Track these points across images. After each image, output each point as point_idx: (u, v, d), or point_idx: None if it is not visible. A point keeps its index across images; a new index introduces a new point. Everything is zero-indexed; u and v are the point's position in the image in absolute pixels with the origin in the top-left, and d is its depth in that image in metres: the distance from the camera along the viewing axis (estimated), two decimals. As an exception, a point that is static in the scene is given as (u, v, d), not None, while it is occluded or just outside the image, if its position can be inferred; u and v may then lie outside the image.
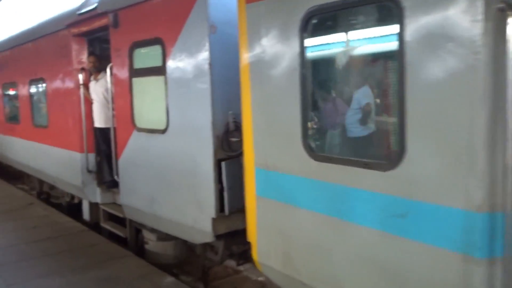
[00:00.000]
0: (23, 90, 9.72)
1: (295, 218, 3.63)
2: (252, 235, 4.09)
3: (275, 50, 3.65)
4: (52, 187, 9.27)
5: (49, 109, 8.38)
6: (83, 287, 5.06)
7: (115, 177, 6.49)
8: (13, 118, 10.75)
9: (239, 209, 4.65)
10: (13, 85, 10.46)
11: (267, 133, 3.82)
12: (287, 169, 3.66)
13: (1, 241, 6.70)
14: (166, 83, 5.14)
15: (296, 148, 3.48)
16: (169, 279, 5.21)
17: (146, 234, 6.22)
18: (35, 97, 9.26)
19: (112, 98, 6.47)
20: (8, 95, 11.10)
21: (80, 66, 7.25)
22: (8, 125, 11.03)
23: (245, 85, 3.99)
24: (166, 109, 5.18)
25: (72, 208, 8.53)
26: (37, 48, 8.71)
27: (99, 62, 6.98)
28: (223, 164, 4.63)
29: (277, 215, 3.79)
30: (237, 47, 4.16)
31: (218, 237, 4.77)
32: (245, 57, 3.94)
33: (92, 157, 7.30)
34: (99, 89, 6.98)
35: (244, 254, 5.15)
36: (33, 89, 9.27)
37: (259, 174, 3.94)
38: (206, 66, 4.58)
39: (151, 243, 6.18)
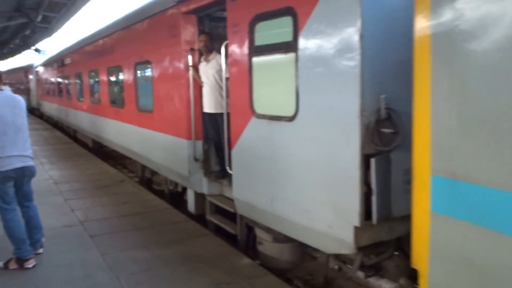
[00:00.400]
0: (128, 74, 8.46)
1: (503, 250, 2.33)
2: (421, 261, 2.82)
3: (485, 12, 2.31)
4: (154, 173, 8.17)
5: (154, 93, 7.15)
6: (166, 261, 4.79)
7: (227, 168, 5.28)
8: (117, 102, 9.58)
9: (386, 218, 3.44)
10: (118, 69, 9.21)
11: (460, 131, 2.51)
12: (494, 182, 2.32)
13: (97, 214, 6.57)
14: (297, 61, 3.86)
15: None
16: (247, 260, 4.83)
17: (260, 234, 4.96)
18: (140, 81, 8.04)
19: (226, 81, 5.20)
20: (113, 79, 9.90)
21: (189, 47, 5.90)
22: (112, 109, 9.81)
23: (421, 64, 2.71)
24: (295, 92, 3.91)
25: (175, 196, 7.44)
26: (144, 30, 7.49)
27: (211, 42, 5.65)
28: (372, 161, 3.30)
29: (468, 242, 2.51)
30: (397, 13, 2.94)
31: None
32: (423, 25, 2.66)
33: (199, 144, 6.03)
34: (210, 71, 5.62)
35: (375, 266, 3.85)
36: (138, 73, 8.04)
37: (438, 184, 2.63)
38: (356, 38, 3.25)
39: (266, 244, 4.90)
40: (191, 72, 5.85)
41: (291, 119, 3.98)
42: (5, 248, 4.69)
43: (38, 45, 33.53)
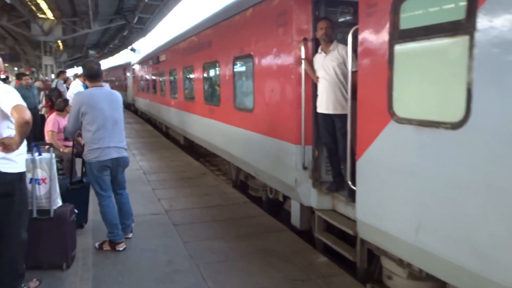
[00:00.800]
0: (225, 70, 7.66)
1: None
2: None
3: None
4: (248, 176, 7.44)
5: (256, 90, 6.26)
6: (242, 253, 4.80)
7: (349, 182, 4.27)
8: (213, 100, 8.87)
9: None
10: (214, 64, 8.45)
11: None
12: None
13: (180, 204, 6.71)
14: (472, 47, 2.74)
15: None
16: (322, 258, 4.67)
17: (390, 266, 3.87)
18: (238, 77, 7.22)
19: (352, 75, 4.26)
20: (209, 75, 9.24)
21: (302, 37, 4.98)
22: (207, 106, 9.04)
23: None
24: (466, 90, 2.78)
25: (273, 205, 6.74)
26: (245, 21, 6.66)
27: (332, 29, 4.74)
28: None
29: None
30: None
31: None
32: None
33: (309, 150, 5.09)
34: (330, 64, 4.66)
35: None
36: (237, 68, 7.21)
37: None
38: None
39: (397, 280, 3.84)
40: (303, 65, 4.92)
41: (456, 126, 2.86)
42: (101, 231, 5.04)
43: (134, 45, 36.29)
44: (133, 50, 33.60)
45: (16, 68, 50.19)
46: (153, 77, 16.64)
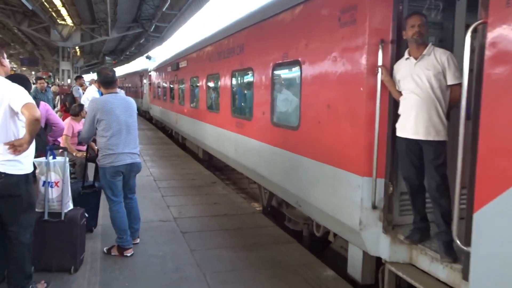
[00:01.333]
0: (260, 78, 6.47)
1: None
2: None
3: None
4: (283, 202, 6.40)
5: (303, 104, 5.05)
6: (250, 263, 4.77)
7: (454, 238, 3.06)
8: (242, 113, 7.63)
9: None
10: (246, 72, 7.31)
11: None
12: None
13: (189, 212, 6.70)
14: None
15: None
16: (330, 272, 4.62)
17: None
18: (279, 88, 6.05)
19: (453, 88, 3.45)
20: (239, 84, 8.01)
21: (378, 38, 3.79)
22: (234, 120, 7.77)
23: None
24: None
25: (315, 241, 5.74)
26: (290, 21, 5.45)
27: (426, 28, 3.66)
28: None
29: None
30: None
31: None
32: None
33: (381, 185, 3.88)
34: (423, 73, 3.54)
35: None
36: (277, 76, 6.01)
37: None
38: None
39: None
40: (380, 75, 3.77)
41: None
42: (110, 236, 5.05)
43: (149, 53, 36.84)
44: (148, 57, 34.04)
45: (33, 72, 51.22)
46: (171, 85, 15.61)
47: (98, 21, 26.08)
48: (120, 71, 46.05)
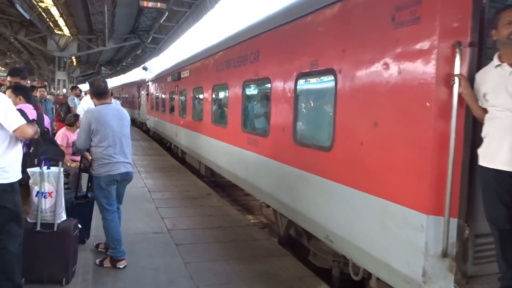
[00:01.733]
0: (280, 90, 5.63)
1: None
2: None
3: None
4: (304, 233, 5.52)
5: (339, 120, 4.23)
6: (244, 277, 4.73)
7: None
8: (255, 128, 6.87)
9: None
10: (261, 83, 6.55)
11: None
12: None
13: (183, 224, 6.63)
14: None
15: None
16: (324, 286, 4.58)
17: None
18: (305, 100, 5.29)
19: None
20: (252, 96, 7.22)
21: (453, 40, 3.04)
22: (245, 135, 6.92)
23: None
24: None
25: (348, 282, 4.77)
26: (323, 23, 4.68)
27: None
28: None
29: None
30: None
31: None
32: None
33: (454, 226, 3.13)
34: None
35: None
36: (302, 88, 5.21)
37: None
38: None
39: None
40: (457, 87, 3.00)
41: None
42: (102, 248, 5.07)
43: (146, 64, 36.99)
44: (145, 68, 34.15)
45: (29, 82, 51.14)
46: (172, 95, 14.72)
47: (95, 31, 26.20)
48: (117, 81, 45.94)
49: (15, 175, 3.59)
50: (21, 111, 3.78)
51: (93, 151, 4.73)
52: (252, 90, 7.20)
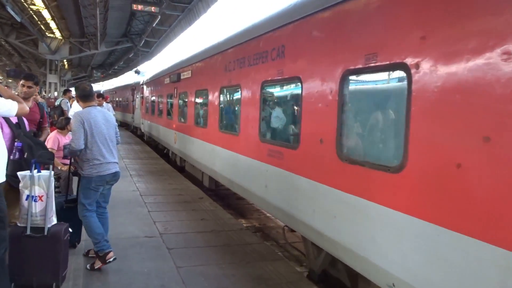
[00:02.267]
0: (317, 91, 4.60)
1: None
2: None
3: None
4: (347, 269, 4.58)
5: (414, 131, 3.23)
6: (236, 281, 4.72)
7: None
8: (279, 138, 6.05)
9: None
10: (287, 83, 5.68)
11: None
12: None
13: (175, 228, 6.62)
14: None
15: None
16: None
17: None
18: (352, 104, 4.20)
19: None
20: (273, 99, 6.27)
21: None
22: (265, 146, 5.92)
23: None
24: None
25: None
26: (389, 4, 3.64)
27: None
28: None
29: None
30: None
31: None
32: None
33: None
34: None
35: None
36: (348, 89, 4.15)
37: None
38: None
39: None
40: None
41: None
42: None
43: (139, 68, 36.89)
44: (137, 72, 34.02)
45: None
46: (170, 99, 13.48)
47: (87, 35, 26.07)
48: (110, 84, 45.49)
49: None
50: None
51: (84, 152, 4.75)
52: (274, 93, 6.13)
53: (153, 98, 17.14)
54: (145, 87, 19.62)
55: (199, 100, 10.11)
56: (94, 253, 4.84)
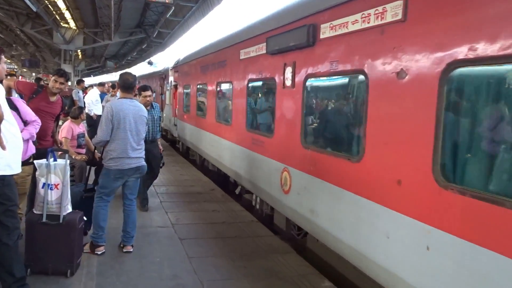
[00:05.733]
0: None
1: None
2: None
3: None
4: None
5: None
6: (247, 273, 4.71)
7: None
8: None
9: None
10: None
11: None
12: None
13: (187, 219, 6.66)
14: None
15: None
16: (328, 283, 4.54)
17: None
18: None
19: None
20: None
21: None
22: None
23: None
24: None
25: None
26: None
27: None
28: None
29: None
30: None
31: None
32: None
33: None
34: None
35: None
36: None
37: None
38: None
39: None
40: None
41: None
42: (109, 239, 5.07)
43: (151, 59, 37.02)
44: (150, 63, 34.14)
45: (33, 74, 51.33)
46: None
47: (101, 25, 26.21)
48: (139, 70, 41.41)
49: (3, 169, 3.46)
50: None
51: (108, 144, 4.80)
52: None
53: (192, 89, 11.25)
54: (178, 72, 13.11)
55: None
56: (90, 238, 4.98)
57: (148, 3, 19.93)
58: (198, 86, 10.70)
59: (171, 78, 14.95)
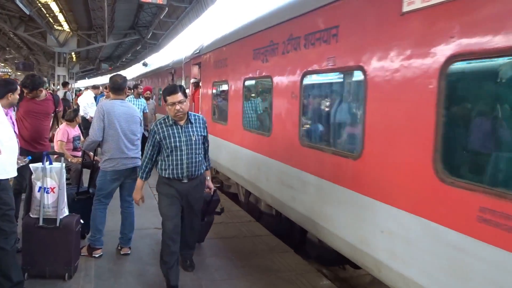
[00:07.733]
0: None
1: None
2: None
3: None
4: None
5: None
6: (246, 272, 4.73)
7: None
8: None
9: None
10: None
11: None
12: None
13: None
14: None
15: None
16: (326, 282, 4.56)
17: None
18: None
19: None
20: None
21: None
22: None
23: None
24: None
25: None
26: None
27: None
28: None
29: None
30: None
31: None
32: None
33: None
34: None
35: None
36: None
37: None
38: None
39: None
40: None
41: None
42: (105, 242, 5.09)
43: (146, 60, 36.91)
44: (145, 64, 34.03)
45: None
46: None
47: (95, 27, 26.12)
48: (133, 72, 36.71)
49: (1, 173, 3.48)
50: None
51: (102, 145, 4.84)
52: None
53: (265, 83, 6.22)
54: (209, 62, 8.75)
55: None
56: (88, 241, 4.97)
57: (141, 4, 19.88)
58: (249, 83, 6.56)
59: (188, 74, 10.79)
